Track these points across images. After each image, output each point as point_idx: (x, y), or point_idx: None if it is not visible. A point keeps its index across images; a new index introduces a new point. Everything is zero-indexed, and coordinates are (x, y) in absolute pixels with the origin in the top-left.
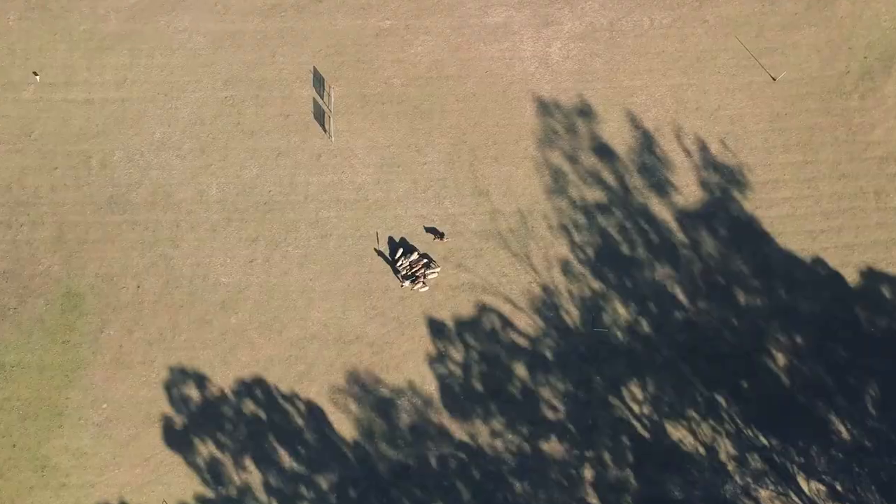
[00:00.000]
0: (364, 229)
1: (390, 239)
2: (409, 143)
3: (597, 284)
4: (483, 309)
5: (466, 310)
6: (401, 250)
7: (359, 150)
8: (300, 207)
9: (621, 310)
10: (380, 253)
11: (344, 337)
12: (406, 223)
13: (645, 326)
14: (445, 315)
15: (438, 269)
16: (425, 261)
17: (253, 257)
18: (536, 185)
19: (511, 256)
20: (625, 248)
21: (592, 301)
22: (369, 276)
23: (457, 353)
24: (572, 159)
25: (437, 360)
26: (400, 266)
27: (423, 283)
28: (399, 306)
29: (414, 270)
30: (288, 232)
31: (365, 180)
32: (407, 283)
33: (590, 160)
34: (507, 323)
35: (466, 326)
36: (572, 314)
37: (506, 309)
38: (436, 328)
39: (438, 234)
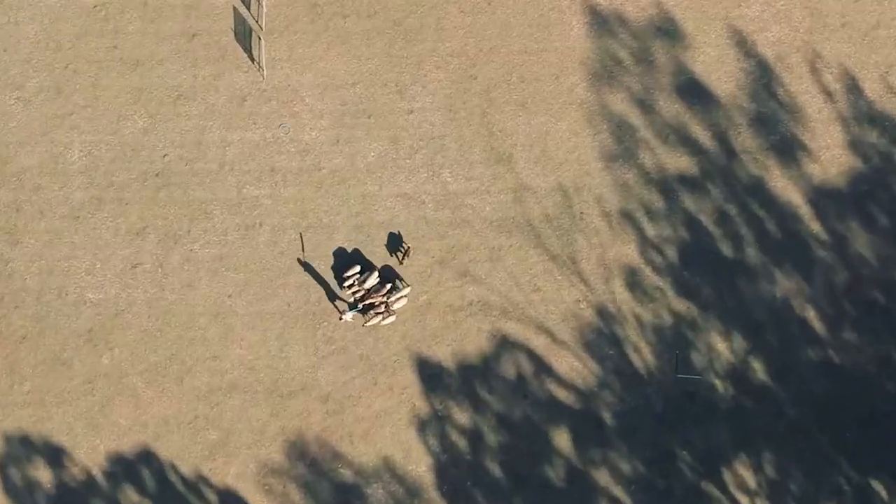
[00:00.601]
0: (314, 216)
1: (339, 249)
2: (387, 79)
3: (682, 305)
4: (503, 343)
5: (476, 344)
6: (357, 267)
7: (306, 91)
8: (213, 181)
9: (721, 345)
10: (307, 266)
11: (282, 387)
12: (381, 207)
13: (759, 372)
14: (443, 353)
15: (408, 290)
16: (389, 286)
17: (138, 260)
18: (587, 146)
19: (547, 260)
20: (726, 248)
21: (675, 332)
22: (322, 291)
23: (461, 414)
24: (645, 106)
25: (429, 424)
26: (352, 290)
27: (387, 312)
28: (369, 338)
29: (370, 301)
30: (193, 220)
31: (316, 138)
32: (348, 315)
33: (672, 107)
34: (541, 365)
35: (477, 371)
36: (644, 352)
37: (539, 343)
38: (428, 374)
39: (399, 252)
